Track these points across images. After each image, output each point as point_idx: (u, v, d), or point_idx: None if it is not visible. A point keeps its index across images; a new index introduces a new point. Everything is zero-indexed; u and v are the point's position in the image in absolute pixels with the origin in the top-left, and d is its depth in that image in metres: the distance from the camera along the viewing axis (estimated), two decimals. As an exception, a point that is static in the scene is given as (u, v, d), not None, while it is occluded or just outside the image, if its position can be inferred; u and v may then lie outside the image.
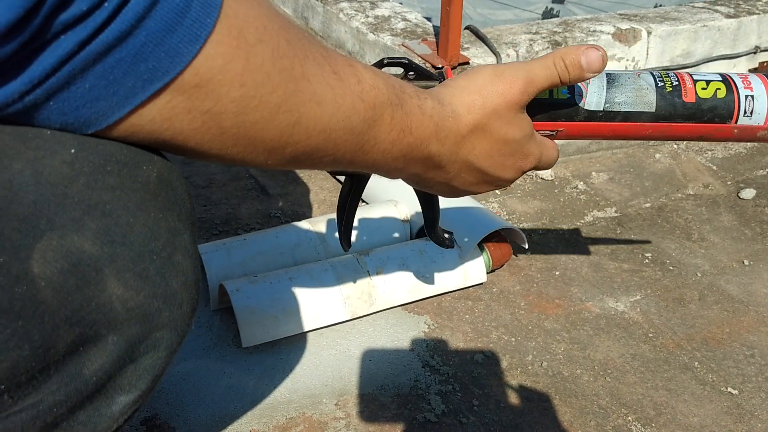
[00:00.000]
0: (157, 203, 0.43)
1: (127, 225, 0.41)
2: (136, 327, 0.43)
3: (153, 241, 0.43)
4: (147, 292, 0.43)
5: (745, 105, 0.61)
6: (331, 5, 1.71)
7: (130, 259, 0.42)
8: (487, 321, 1.13)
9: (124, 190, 0.42)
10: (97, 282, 0.40)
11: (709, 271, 1.28)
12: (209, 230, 1.32)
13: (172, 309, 0.45)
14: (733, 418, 0.96)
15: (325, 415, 0.95)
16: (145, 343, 0.44)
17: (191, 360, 1.03)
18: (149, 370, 0.45)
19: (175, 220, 0.44)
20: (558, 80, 0.60)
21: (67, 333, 0.39)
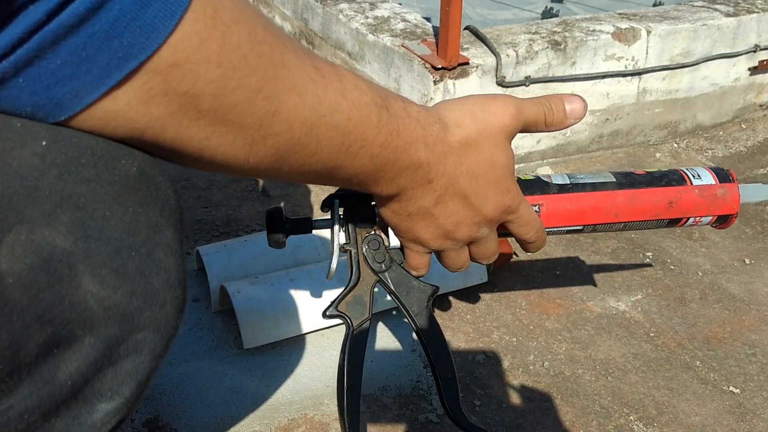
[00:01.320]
0: (137, 197, 0.41)
1: (103, 219, 0.39)
2: (114, 327, 0.40)
3: (131, 237, 0.41)
4: (125, 290, 0.40)
5: (690, 172, 0.66)
6: (330, 6, 1.71)
7: (107, 255, 0.39)
8: (488, 321, 1.13)
9: (100, 182, 0.40)
10: (70, 279, 0.38)
11: (710, 270, 1.28)
12: (210, 232, 1.32)
13: (154, 309, 0.42)
14: (735, 417, 0.96)
15: (326, 416, 0.95)
16: (125, 345, 0.41)
17: (192, 362, 1.03)
18: (132, 375, 0.43)
19: (157, 215, 0.42)
20: (544, 118, 0.61)
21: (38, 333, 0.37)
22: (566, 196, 0.64)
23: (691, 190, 0.65)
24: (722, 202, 0.66)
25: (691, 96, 1.73)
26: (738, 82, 1.79)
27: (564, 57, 1.50)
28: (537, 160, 1.58)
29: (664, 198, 0.65)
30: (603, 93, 1.59)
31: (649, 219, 0.66)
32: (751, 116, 1.88)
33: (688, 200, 0.65)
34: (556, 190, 0.64)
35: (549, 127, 0.62)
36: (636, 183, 0.65)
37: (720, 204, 0.66)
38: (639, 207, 0.64)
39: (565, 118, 0.61)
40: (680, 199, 0.65)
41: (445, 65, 1.38)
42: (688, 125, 1.77)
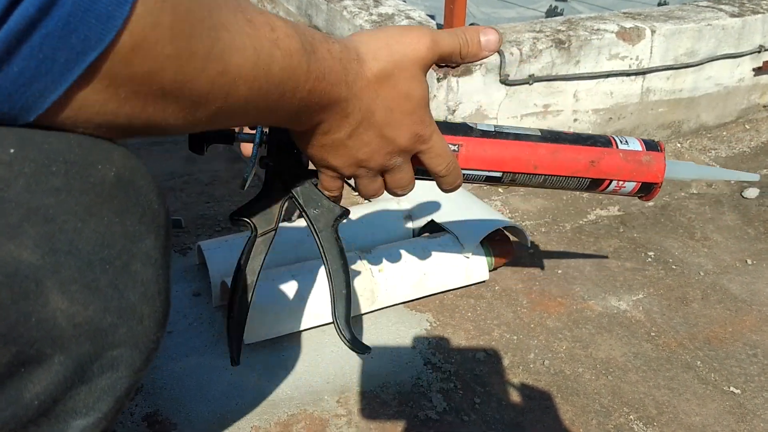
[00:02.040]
0: (113, 206, 0.40)
1: (74, 231, 0.38)
2: (85, 345, 0.39)
3: (105, 249, 0.39)
4: (97, 306, 0.39)
5: (619, 138, 0.66)
6: (334, 3, 1.71)
7: (77, 270, 0.38)
8: (489, 319, 1.13)
9: (71, 192, 0.38)
10: (37, 295, 0.36)
11: (712, 270, 1.28)
12: (212, 227, 1.32)
13: (131, 324, 0.41)
14: (736, 418, 0.96)
15: (326, 412, 0.95)
16: (98, 363, 0.40)
17: (193, 356, 1.03)
18: (109, 392, 0.41)
19: (135, 223, 0.41)
20: (459, 50, 0.61)
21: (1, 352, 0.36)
22: (487, 140, 0.65)
23: (615, 152, 0.65)
24: (646, 169, 0.66)
25: (695, 96, 1.72)
26: (742, 82, 1.78)
27: (568, 56, 1.50)
28: (540, 158, 1.58)
29: (586, 156, 0.65)
30: (607, 92, 1.59)
31: (569, 175, 0.66)
32: (755, 117, 1.87)
33: (610, 162, 0.65)
34: (478, 134, 0.65)
35: (464, 59, 0.62)
36: (560, 139, 0.65)
37: (644, 171, 0.66)
38: (560, 161, 0.65)
39: (479, 50, 0.61)
40: (603, 159, 0.65)
41: (449, 63, 1.38)
42: (692, 125, 1.77)
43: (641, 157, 0.66)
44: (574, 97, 1.55)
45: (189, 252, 1.25)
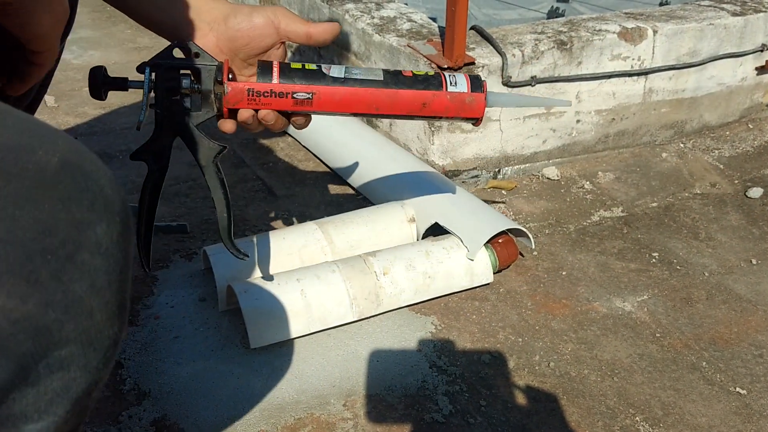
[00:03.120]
0: (56, 192, 0.37)
1: (10, 219, 0.35)
2: (26, 344, 0.35)
3: (47, 238, 0.36)
4: (37, 300, 0.36)
5: (449, 78, 0.76)
6: (336, 6, 1.71)
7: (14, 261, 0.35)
8: (494, 321, 1.13)
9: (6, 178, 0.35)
10: None
11: (716, 270, 1.28)
12: (217, 232, 1.33)
13: (79, 320, 0.37)
14: (742, 419, 0.96)
15: (333, 416, 0.95)
16: (44, 363, 0.36)
17: (199, 361, 1.03)
18: (62, 394, 0.38)
19: (84, 211, 0.38)
20: None
21: None
22: (337, 88, 0.74)
23: (443, 95, 0.76)
24: (469, 107, 0.76)
25: (698, 96, 1.72)
26: (745, 81, 1.78)
27: (570, 57, 1.50)
28: (543, 159, 1.58)
29: (419, 99, 0.76)
30: (609, 93, 1.59)
31: (405, 114, 0.77)
32: (758, 116, 1.87)
33: (439, 103, 0.76)
34: (330, 82, 0.74)
35: None
36: (399, 83, 0.75)
37: (467, 109, 0.77)
38: (397, 104, 0.76)
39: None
40: (432, 102, 0.76)
41: (451, 65, 1.38)
42: (695, 125, 1.77)
43: (465, 98, 0.76)
44: (577, 98, 1.55)
45: (194, 257, 1.26)
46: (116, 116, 1.78)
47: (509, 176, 1.56)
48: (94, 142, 1.65)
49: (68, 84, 1.95)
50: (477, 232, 1.18)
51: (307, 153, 1.63)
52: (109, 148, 1.61)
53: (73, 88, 1.93)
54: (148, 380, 1.00)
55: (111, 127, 1.72)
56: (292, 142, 1.68)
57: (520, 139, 1.53)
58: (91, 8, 2.63)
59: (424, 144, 1.47)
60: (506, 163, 1.54)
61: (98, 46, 2.29)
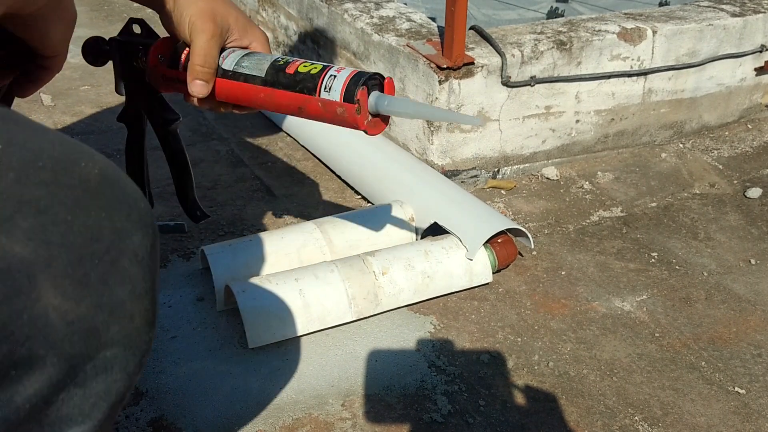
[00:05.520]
0: (100, 201, 0.39)
1: (65, 223, 0.37)
2: (79, 345, 0.37)
3: (95, 243, 0.38)
4: (89, 302, 0.37)
5: (326, 82, 0.71)
6: (335, 6, 1.71)
7: (69, 263, 0.37)
8: (493, 321, 1.13)
9: (60, 186, 0.37)
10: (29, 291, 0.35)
11: (715, 270, 1.28)
12: (215, 231, 1.32)
13: (123, 323, 0.39)
14: (741, 418, 0.96)
15: (331, 416, 0.95)
16: (92, 364, 0.38)
17: (197, 361, 1.03)
18: (104, 397, 0.39)
19: (123, 220, 0.40)
20: None
21: None
22: (225, 81, 0.74)
23: (315, 101, 0.72)
24: (341, 118, 0.72)
25: (697, 96, 1.72)
26: (744, 82, 1.78)
27: (569, 57, 1.50)
28: (542, 160, 1.58)
29: (294, 103, 0.73)
30: (608, 93, 1.58)
31: (285, 113, 0.76)
32: (757, 116, 1.87)
33: (313, 109, 0.73)
34: (220, 74, 0.74)
35: None
36: (277, 83, 0.73)
37: (339, 120, 0.72)
38: (275, 104, 0.74)
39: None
40: (307, 107, 0.73)
41: (450, 65, 1.38)
42: (694, 125, 1.77)
43: (336, 108, 0.71)
44: (576, 98, 1.55)
45: (192, 257, 1.26)
46: (113, 115, 1.77)
47: (508, 176, 1.56)
48: (91, 142, 1.65)
49: (65, 83, 1.95)
50: (476, 231, 1.18)
51: (305, 152, 1.63)
52: (107, 147, 1.61)
53: (70, 87, 1.93)
54: (146, 380, 0.99)
55: (108, 126, 1.71)
56: (291, 141, 1.68)
57: (520, 139, 1.53)
58: (89, 7, 2.63)
59: (423, 144, 1.47)
60: (505, 162, 1.54)
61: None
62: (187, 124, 1.74)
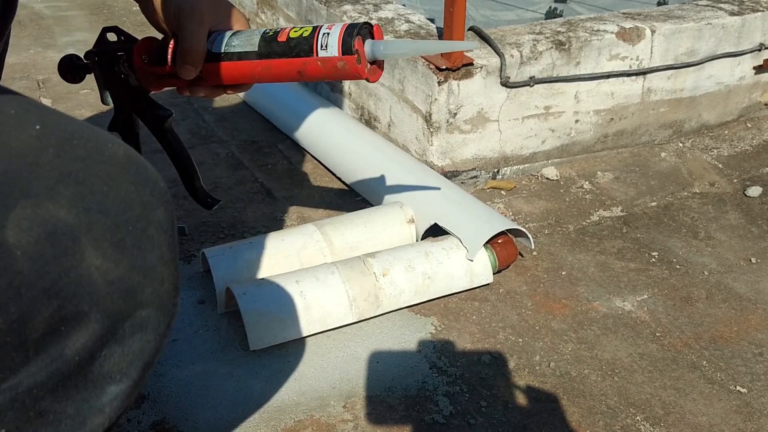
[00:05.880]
0: (128, 176, 0.43)
1: (101, 193, 0.41)
2: (119, 302, 0.41)
3: (128, 212, 0.42)
4: (126, 264, 0.41)
5: (321, 40, 0.72)
6: (334, 8, 1.71)
7: (107, 228, 0.41)
8: (494, 322, 1.13)
9: (93, 161, 0.41)
10: (74, 251, 0.39)
11: (716, 269, 1.28)
12: (215, 234, 1.33)
13: (155, 285, 0.43)
14: (743, 417, 0.96)
15: (332, 418, 0.95)
16: (130, 321, 0.42)
17: (199, 364, 1.03)
18: (139, 356, 0.43)
19: (148, 194, 0.44)
20: None
21: (45, 306, 0.38)
22: (219, 64, 0.75)
23: (314, 62, 0.73)
24: (343, 72, 0.73)
25: (696, 95, 1.72)
26: (743, 80, 1.78)
27: (568, 57, 1.50)
28: (542, 160, 1.58)
29: (293, 68, 0.74)
30: (607, 93, 1.59)
31: (284, 81, 0.77)
32: (757, 115, 1.87)
33: (313, 69, 0.74)
34: (212, 58, 0.75)
35: None
36: (272, 53, 0.74)
37: (341, 74, 0.73)
38: (273, 74, 0.75)
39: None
40: (306, 69, 0.74)
41: (450, 66, 1.38)
42: (693, 124, 1.77)
43: (336, 63, 0.72)
44: (575, 98, 1.55)
45: (193, 260, 1.26)
46: (114, 119, 1.78)
47: (508, 176, 1.56)
48: (93, 145, 1.64)
49: (64, 87, 1.95)
50: (476, 232, 1.18)
51: (305, 154, 1.63)
52: (108, 151, 1.61)
53: (69, 90, 1.93)
54: (148, 383, 0.99)
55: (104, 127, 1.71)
56: (291, 143, 1.68)
57: (519, 139, 1.53)
58: (89, 11, 2.63)
59: (422, 145, 1.47)
60: (505, 163, 1.54)
61: (96, 49, 2.28)
62: (187, 127, 1.75)
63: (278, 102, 1.77)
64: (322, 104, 1.68)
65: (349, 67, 0.72)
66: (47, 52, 2.25)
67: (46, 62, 2.15)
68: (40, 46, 2.30)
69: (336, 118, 1.61)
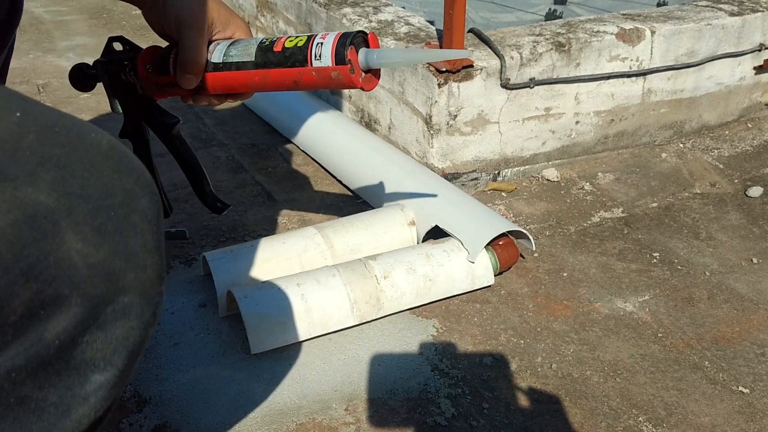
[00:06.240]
0: (111, 164, 0.43)
1: (82, 178, 0.41)
2: (100, 286, 0.41)
3: (109, 198, 0.42)
4: (107, 248, 0.41)
5: (315, 50, 0.73)
6: (334, 11, 1.71)
7: (88, 213, 0.41)
8: (495, 323, 1.13)
9: (75, 147, 0.41)
10: (54, 235, 0.39)
11: (717, 270, 1.27)
12: (216, 237, 1.32)
13: (137, 271, 0.43)
14: (745, 418, 0.96)
15: (335, 420, 0.95)
16: (112, 307, 0.42)
17: (200, 367, 1.03)
18: (123, 343, 0.43)
19: (131, 183, 0.44)
20: None
21: (23, 289, 0.37)
22: (217, 74, 0.76)
23: (309, 72, 0.74)
24: (337, 81, 0.74)
25: (697, 96, 1.72)
26: (743, 81, 1.78)
27: (568, 58, 1.50)
28: (542, 161, 1.58)
29: (289, 78, 0.75)
30: (608, 94, 1.59)
31: (282, 90, 0.78)
32: (757, 115, 1.87)
33: (308, 80, 0.75)
34: (211, 68, 0.76)
35: None
36: (268, 63, 0.75)
37: (335, 83, 0.74)
38: (270, 83, 0.76)
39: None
40: (302, 79, 0.75)
41: (449, 68, 1.38)
42: (694, 125, 1.77)
43: (330, 73, 0.73)
44: (576, 99, 1.55)
45: (194, 263, 1.26)
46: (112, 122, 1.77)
47: (509, 178, 1.56)
48: (93, 149, 1.65)
49: (65, 91, 1.95)
50: (477, 234, 1.18)
51: (306, 157, 1.63)
52: (108, 155, 1.61)
53: (70, 95, 1.93)
54: (149, 387, 0.99)
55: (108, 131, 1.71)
56: (291, 147, 1.68)
57: (520, 141, 1.53)
58: (88, 16, 2.63)
59: (423, 147, 1.47)
60: (506, 165, 1.54)
61: (95, 53, 2.28)
62: (188, 131, 1.75)
63: (278, 105, 1.77)
64: (322, 107, 1.68)
65: (343, 76, 0.72)
66: (47, 56, 2.25)
67: (45, 67, 2.16)
68: (39, 51, 2.30)
69: (336, 120, 1.61)
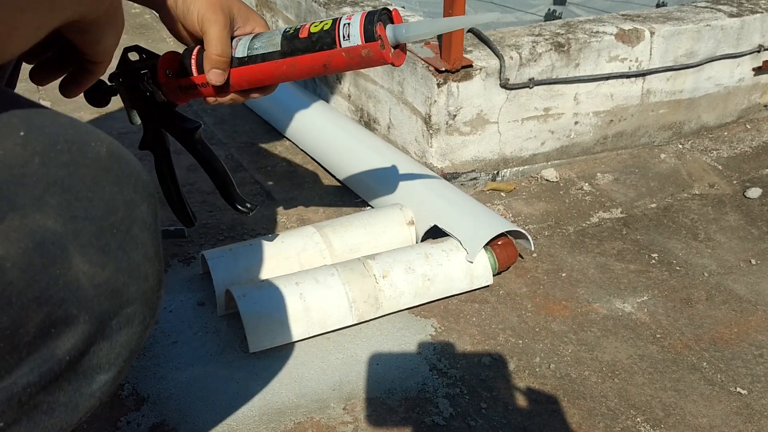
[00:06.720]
0: (111, 176, 0.44)
1: (86, 199, 0.42)
2: (105, 303, 0.43)
3: (112, 215, 0.43)
4: (112, 267, 0.43)
5: (342, 31, 0.73)
6: (333, 10, 1.71)
7: (93, 234, 0.42)
8: (494, 323, 1.13)
9: (77, 166, 0.42)
10: (62, 260, 0.40)
11: (716, 270, 1.27)
12: (215, 236, 1.32)
13: (140, 283, 0.45)
14: (743, 419, 0.96)
15: (333, 420, 0.95)
16: (117, 320, 0.44)
17: (198, 366, 1.03)
18: (125, 347, 0.45)
19: (131, 192, 0.45)
20: None
21: (35, 313, 0.39)
22: (244, 68, 0.76)
23: (339, 53, 0.73)
24: (368, 60, 0.74)
25: (696, 97, 1.72)
26: (742, 82, 1.78)
27: (567, 59, 1.50)
28: (541, 161, 1.58)
29: (318, 62, 0.75)
30: (607, 94, 1.59)
31: (311, 76, 0.78)
32: (756, 116, 1.87)
33: (338, 61, 0.74)
34: (236, 64, 0.76)
35: None
36: (296, 50, 0.75)
37: (366, 62, 0.74)
38: (299, 70, 0.76)
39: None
40: (331, 61, 0.74)
41: (449, 68, 1.38)
42: (693, 126, 1.77)
43: (360, 52, 0.73)
44: (575, 99, 1.55)
45: (193, 261, 1.25)
46: (112, 121, 1.78)
47: (508, 178, 1.56)
48: (92, 148, 1.64)
49: (65, 89, 1.95)
50: (476, 234, 1.18)
51: (305, 156, 1.63)
52: (107, 153, 1.61)
53: (71, 93, 1.93)
54: (147, 385, 0.99)
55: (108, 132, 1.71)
56: (290, 145, 1.68)
57: (519, 141, 1.53)
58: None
59: (422, 146, 1.47)
60: (505, 165, 1.54)
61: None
62: (187, 129, 1.74)
63: (277, 104, 1.77)
64: (322, 106, 1.68)
65: (374, 53, 0.72)
66: (46, 54, 2.25)
67: (45, 65, 2.15)
68: (39, 49, 2.29)
69: (335, 120, 1.61)
